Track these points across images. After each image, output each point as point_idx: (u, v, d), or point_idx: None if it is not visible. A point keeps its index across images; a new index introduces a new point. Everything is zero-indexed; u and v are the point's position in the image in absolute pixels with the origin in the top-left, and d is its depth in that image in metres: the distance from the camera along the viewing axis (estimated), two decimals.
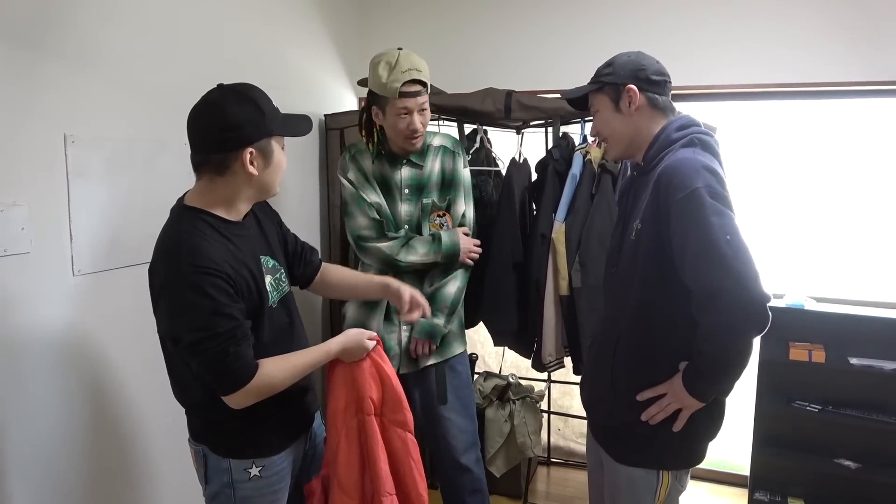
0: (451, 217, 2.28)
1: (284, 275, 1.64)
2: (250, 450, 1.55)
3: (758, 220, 3.26)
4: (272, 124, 1.44)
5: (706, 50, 2.84)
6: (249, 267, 1.47)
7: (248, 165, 1.42)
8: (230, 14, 2.41)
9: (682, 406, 1.52)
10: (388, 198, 2.24)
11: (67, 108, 1.78)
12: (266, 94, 1.48)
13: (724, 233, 1.37)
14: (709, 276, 1.38)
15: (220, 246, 1.42)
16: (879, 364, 2.73)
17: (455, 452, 2.33)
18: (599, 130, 1.69)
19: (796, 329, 2.90)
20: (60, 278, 1.79)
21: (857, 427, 2.79)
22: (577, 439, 3.54)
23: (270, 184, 1.51)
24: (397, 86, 2.04)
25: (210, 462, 1.56)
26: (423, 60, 2.12)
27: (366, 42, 3.41)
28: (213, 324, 1.36)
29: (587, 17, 3.03)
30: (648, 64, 1.61)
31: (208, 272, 1.36)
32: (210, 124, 1.41)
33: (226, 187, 1.46)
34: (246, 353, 1.42)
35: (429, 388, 2.30)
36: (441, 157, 2.28)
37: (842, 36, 2.67)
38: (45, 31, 1.71)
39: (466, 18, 3.22)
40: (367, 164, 2.25)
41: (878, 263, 3.32)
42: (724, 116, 3.02)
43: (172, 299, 1.39)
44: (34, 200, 1.69)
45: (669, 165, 1.48)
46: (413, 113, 2.10)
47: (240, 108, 1.41)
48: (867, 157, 3.33)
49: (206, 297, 1.35)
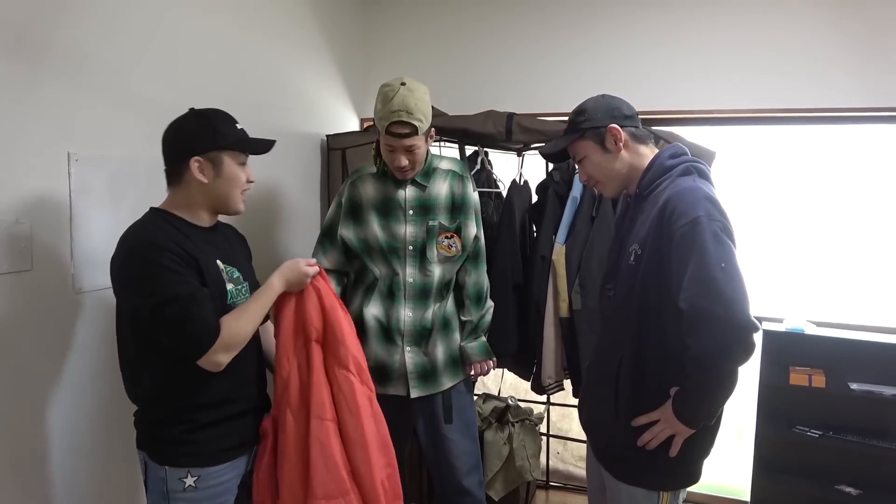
0: (460, 239, 2.25)
1: (247, 290, 1.69)
2: (185, 458, 1.55)
3: (758, 244, 3.27)
4: (224, 140, 1.59)
5: (709, 75, 2.88)
6: (206, 262, 1.56)
7: (197, 173, 1.57)
8: (234, 34, 2.43)
9: (675, 432, 1.55)
10: (392, 218, 2.22)
11: (71, 126, 1.79)
12: (231, 116, 1.65)
13: (720, 260, 1.41)
14: (699, 300, 1.41)
15: (175, 234, 1.54)
16: (880, 389, 2.72)
17: (457, 474, 2.30)
18: (591, 174, 1.73)
19: (796, 354, 2.90)
20: (61, 296, 1.78)
21: (859, 453, 2.77)
22: (576, 462, 3.51)
23: (225, 195, 1.62)
24: (385, 123, 2.04)
25: (149, 470, 1.58)
26: (423, 99, 2.05)
27: (369, 64, 3.45)
28: (171, 288, 1.46)
29: (588, 43, 3.07)
30: (619, 103, 1.70)
31: (160, 246, 1.48)
32: (167, 139, 1.62)
33: (184, 194, 1.61)
34: (208, 313, 1.49)
35: (434, 411, 2.28)
36: (450, 181, 2.25)
37: (843, 62, 2.70)
38: (49, 49, 1.72)
39: (469, 42, 3.26)
40: (368, 188, 2.24)
41: (878, 288, 3.32)
42: (725, 141, 3.04)
43: (130, 275, 1.50)
44: (36, 218, 1.70)
45: (674, 195, 1.52)
46: (397, 151, 2.09)
47: (193, 124, 1.60)
48: (868, 182, 3.35)
49: (162, 267, 1.46)
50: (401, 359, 2.22)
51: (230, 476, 1.62)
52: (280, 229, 2.78)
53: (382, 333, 2.22)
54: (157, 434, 1.57)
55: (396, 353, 2.22)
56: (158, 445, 1.57)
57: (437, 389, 2.25)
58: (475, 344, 2.31)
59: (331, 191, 3.09)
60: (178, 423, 1.55)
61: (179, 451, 1.56)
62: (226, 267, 1.62)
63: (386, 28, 3.42)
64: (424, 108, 2.06)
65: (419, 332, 2.23)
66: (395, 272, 2.20)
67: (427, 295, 2.23)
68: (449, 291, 2.30)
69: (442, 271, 2.23)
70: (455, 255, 2.25)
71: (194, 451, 1.56)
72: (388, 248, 2.20)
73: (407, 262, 2.21)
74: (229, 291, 1.61)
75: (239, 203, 1.66)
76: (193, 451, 1.56)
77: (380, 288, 2.22)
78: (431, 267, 2.21)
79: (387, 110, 2.02)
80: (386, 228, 2.21)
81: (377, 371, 2.20)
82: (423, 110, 2.05)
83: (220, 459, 1.60)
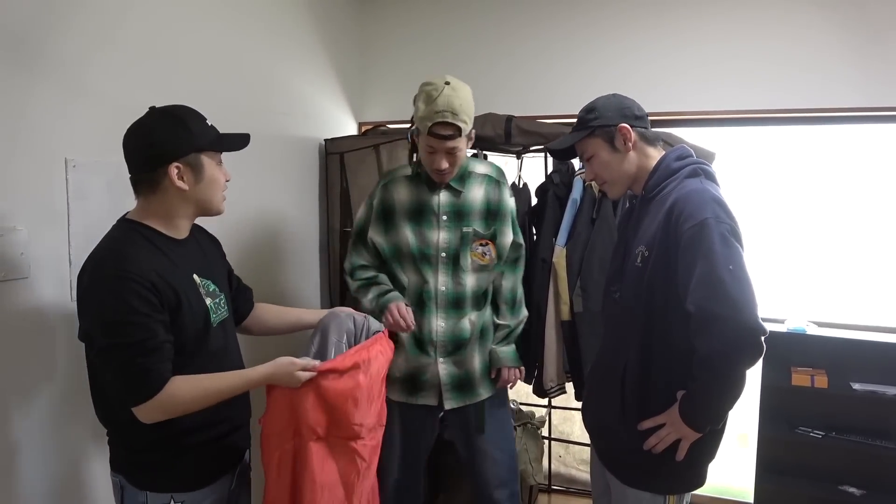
0: (494, 246, 2.17)
1: (225, 301, 1.62)
2: (169, 483, 1.49)
3: (759, 245, 3.26)
4: (200, 140, 1.47)
5: (708, 75, 2.87)
6: (183, 283, 1.47)
7: (177, 181, 1.45)
8: (232, 40, 2.42)
9: (681, 436, 1.54)
10: (425, 224, 2.14)
11: (68, 132, 1.77)
12: (199, 113, 1.52)
13: (728, 262, 1.40)
14: (707, 302, 1.40)
15: (150, 255, 1.43)
16: (882, 389, 2.72)
17: (488, 487, 2.27)
18: (598, 174, 1.72)
19: (798, 354, 2.89)
20: (60, 303, 1.77)
21: (862, 453, 2.76)
22: (578, 466, 3.49)
23: (208, 199, 1.53)
24: (428, 124, 1.96)
25: (126, 494, 1.51)
26: (467, 99, 1.98)
27: (367, 68, 3.44)
28: (124, 332, 1.35)
29: (586, 45, 3.06)
30: (630, 102, 1.69)
31: (131, 279, 1.36)
32: (137, 145, 1.46)
33: (161, 204, 1.48)
34: (154, 365, 1.38)
35: (467, 420, 2.23)
36: (486, 186, 2.18)
37: (843, 62, 2.70)
38: (44, 54, 1.71)
39: (466, 45, 3.25)
40: (401, 192, 2.17)
41: (879, 288, 3.32)
42: (724, 142, 3.04)
43: (91, 302, 1.40)
44: (34, 225, 1.68)
45: (681, 197, 1.52)
46: (438, 153, 2.01)
47: (164, 127, 1.46)
48: (869, 182, 3.34)
49: (124, 304, 1.35)
50: (433, 370, 2.16)
51: (213, 499, 1.57)
52: (278, 234, 2.76)
53: (414, 344, 2.16)
54: (136, 459, 1.50)
55: (429, 364, 2.16)
56: (139, 469, 1.50)
57: (473, 400, 2.20)
58: (507, 349, 2.24)
59: (329, 195, 3.08)
60: (160, 449, 1.48)
61: (163, 476, 1.49)
62: (202, 281, 1.54)
63: (383, 32, 3.41)
64: (468, 110, 1.98)
65: (454, 343, 2.16)
66: (425, 280, 2.14)
67: (461, 305, 2.16)
68: (486, 301, 2.24)
69: (476, 281, 2.16)
70: (489, 263, 2.17)
71: (178, 477, 1.50)
72: (419, 254, 2.13)
73: (439, 270, 2.14)
74: (209, 307, 1.53)
75: (221, 204, 1.57)
76: (177, 476, 1.50)
77: (409, 297, 2.15)
78: (464, 276, 2.14)
79: (430, 110, 1.94)
80: (418, 234, 2.14)
81: (408, 381, 2.17)
82: (467, 111, 1.97)
83: (205, 482, 1.54)
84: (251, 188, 2.42)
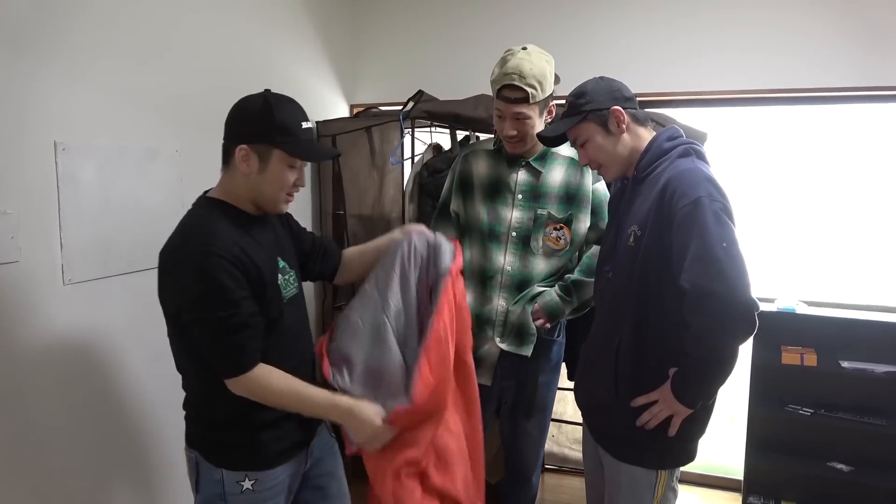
0: (569, 231, 2.09)
1: (294, 278, 1.63)
2: (244, 462, 1.52)
3: (750, 224, 3.28)
4: (276, 135, 1.44)
5: (700, 55, 2.87)
6: (263, 259, 1.48)
7: (240, 163, 1.45)
8: (223, 22, 2.40)
9: (673, 412, 1.56)
10: (499, 201, 2.09)
11: (57, 115, 1.76)
12: (299, 112, 1.50)
13: (722, 240, 1.41)
14: (701, 279, 1.42)
15: (233, 233, 1.44)
16: (871, 367, 2.75)
17: (527, 470, 2.30)
18: (594, 158, 1.71)
19: (788, 333, 2.92)
20: (51, 287, 1.76)
21: (850, 430, 2.80)
22: (571, 445, 3.53)
23: (264, 193, 1.49)
24: (497, 87, 1.94)
25: (202, 470, 1.53)
26: (540, 65, 1.91)
27: (359, 50, 3.42)
28: (213, 307, 1.38)
29: (578, 25, 3.05)
30: (619, 84, 1.69)
31: (216, 254, 1.38)
32: (230, 115, 1.49)
33: (230, 181, 1.50)
34: (247, 342, 1.42)
35: (516, 401, 2.17)
36: (567, 169, 2.09)
37: (835, 41, 2.70)
38: (34, 36, 1.69)
39: (458, 27, 3.23)
40: (481, 166, 2.13)
41: (869, 267, 3.35)
42: (716, 122, 3.04)
43: (177, 278, 1.42)
44: (23, 208, 1.67)
45: (674, 176, 1.53)
46: (506, 118, 1.96)
47: (254, 108, 1.45)
48: (857, 162, 3.36)
49: (210, 280, 1.37)
50: (491, 349, 2.11)
51: (286, 476, 1.59)
52: None
53: (476, 323, 2.08)
54: (213, 435, 1.53)
55: (486, 344, 2.11)
56: (215, 447, 1.53)
57: (521, 348, 2.11)
58: (551, 298, 2.08)
59: (321, 177, 3.07)
60: (235, 428, 1.50)
61: (238, 455, 1.52)
62: (277, 258, 1.56)
63: (375, 13, 3.38)
64: (539, 76, 1.91)
65: (516, 326, 2.10)
66: (489, 258, 2.09)
67: (526, 287, 2.10)
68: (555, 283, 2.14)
69: (547, 265, 2.10)
70: (563, 248, 2.10)
71: (253, 455, 1.52)
72: (488, 231, 2.09)
73: (508, 250, 2.09)
74: (280, 285, 1.53)
75: (280, 205, 1.53)
76: (252, 454, 1.52)
77: (470, 274, 2.11)
78: (534, 259, 2.09)
79: (500, 73, 1.92)
80: (492, 210, 2.10)
81: None
82: (537, 77, 1.90)
83: (278, 461, 1.55)
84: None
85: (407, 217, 2.86)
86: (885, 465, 2.80)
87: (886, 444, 2.80)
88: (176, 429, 1.60)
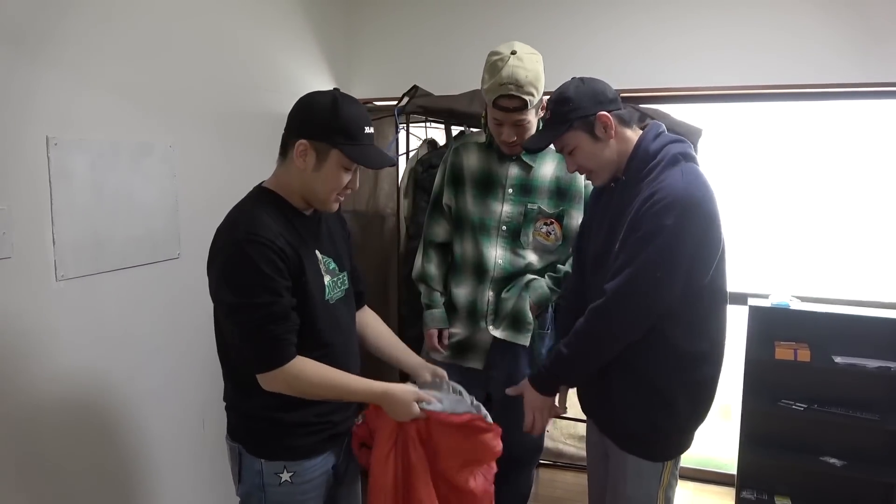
0: (560, 226, 2.11)
1: (346, 280, 1.63)
2: (283, 452, 1.53)
3: (743, 220, 3.29)
4: (336, 136, 1.44)
5: (695, 51, 2.86)
6: (307, 254, 1.49)
7: (297, 157, 1.45)
8: (217, 17, 2.38)
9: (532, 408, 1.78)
10: (490, 195, 2.10)
11: (50, 109, 1.74)
12: (363, 116, 1.48)
13: (657, 268, 1.50)
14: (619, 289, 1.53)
15: (279, 222, 1.45)
16: (863, 362, 2.76)
17: (525, 455, 2.30)
18: (583, 165, 1.68)
19: (782, 328, 2.93)
20: (43, 283, 1.75)
21: (843, 425, 2.81)
22: (566, 441, 3.54)
23: (316, 191, 1.49)
24: (492, 97, 1.91)
25: (244, 461, 1.56)
26: (534, 70, 1.90)
27: (352, 45, 3.40)
28: (253, 294, 1.39)
29: (573, 21, 3.04)
30: (602, 86, 1.64)
31: (261, 242, 1.39)
32: (295, 108, 1.50)
33: (285, 173, 1.51)
34: (283, 335, 1.42)
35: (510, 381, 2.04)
36: (558, 164, 2.09)
37: (830, 37, 2.69)
38: (28, 31, 1.67)
39: (453, 22, 3.22)
40: (471, 159, 2.14)
41: (862, 263, 3.36)
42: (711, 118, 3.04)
43: (223, 262, 1.43)
44: (15, 204, 1.66)
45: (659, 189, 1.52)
46: (505, 125, 1.96)
47: (320, 106, 1.45)
48: (851, 157, 3.36)
49: (253, 267, 1.38)
50: (483, 337, 2.15)
51: (324, 468, 1.60)
52: None
53: (468, 314, 2.16)
54: (252, 426, 1.55)
55: (479, 332, 2.15)
56: (254, 437, 1.54)
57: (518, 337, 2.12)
58: (541, 291, 2.10)
59: None
60: (273, 420, 1.51)
61: (276, 446, 1.53)
62: (323, 258, 1.56)
63: (369, 7, 3.36)
64: (535, 80, 1.90)
65: (511, 314, 2.12)
66: (480, 251, 2.11)
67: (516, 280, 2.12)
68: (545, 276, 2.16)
69: (537, 260, 2.12)
70: (553, 243, 2.12)
71: (290, 446, 1.53)
72: (479, 224, 2.10)
73: (498, 244, 2.11)
74: (327, 285, 1.54)
75: (331, 204, 1.52)
76: (290, 445, 1.53)
77: (464, 267, 2.14)
78: (524, 252, 2.10)
79: (494, 83, 1.88)
80: (482, 204, 2.10)
81: (458, 345, 2.18)
82: (534, 83, 1.89)
83: (315, 453, 1.57)
84: (238, 166, 2.39)
85: (402, 213, 2.85)
86: (877, 460, 2.82)
87: (879, 438, 2.82)
88: (169, 425, 1.59)
